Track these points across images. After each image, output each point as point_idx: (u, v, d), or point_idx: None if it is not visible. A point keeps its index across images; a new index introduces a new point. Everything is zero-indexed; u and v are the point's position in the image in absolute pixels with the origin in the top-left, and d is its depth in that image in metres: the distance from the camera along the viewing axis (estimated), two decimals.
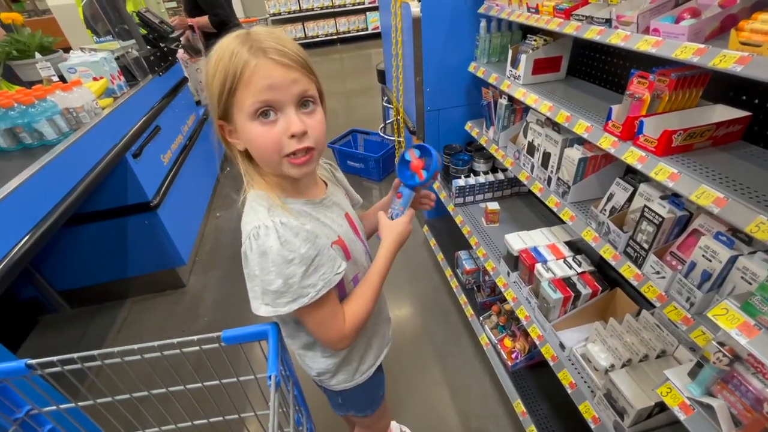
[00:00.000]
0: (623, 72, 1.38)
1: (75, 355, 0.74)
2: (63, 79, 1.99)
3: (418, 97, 1.99)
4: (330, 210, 0.82)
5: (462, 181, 1.96)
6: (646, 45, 0.90)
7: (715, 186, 0.80)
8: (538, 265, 1.35)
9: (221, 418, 0.91)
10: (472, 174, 2.03)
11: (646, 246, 0.98)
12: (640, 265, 1.01)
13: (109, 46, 2.53)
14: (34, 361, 0.73)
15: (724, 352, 0.68)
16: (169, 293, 2.43)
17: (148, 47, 2.67)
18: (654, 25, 0.89)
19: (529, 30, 1.70)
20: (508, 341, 1.64)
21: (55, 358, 0.73)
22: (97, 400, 0.82)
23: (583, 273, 1.32)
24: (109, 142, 1.83)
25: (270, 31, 0.65)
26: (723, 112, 0.97)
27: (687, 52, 0.80)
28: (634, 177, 1.16)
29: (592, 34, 1.06)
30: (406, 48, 2.01)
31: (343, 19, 8.11)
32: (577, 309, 1.29)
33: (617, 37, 0.98)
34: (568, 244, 1.45)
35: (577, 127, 1.16)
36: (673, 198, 0.97)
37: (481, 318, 1.81)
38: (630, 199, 1.12)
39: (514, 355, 1.58)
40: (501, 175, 1.98)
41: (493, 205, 1.83)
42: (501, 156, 1.67)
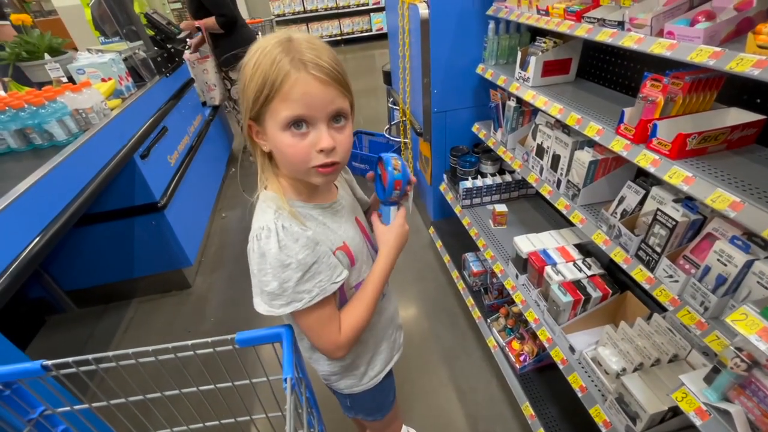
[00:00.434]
0: (633, 74, 1.37)
1: (90, 356, 0.74)
2: (72, 80, 2.01)
3: (425, 98, 1.99)
4: (338, 215, 0.82)
5: (469, 183, 1.96)
6: (660, 48, 0.89)
7: (731, 190, 0.79)
8: (548, 268, 1.35)
9: (233, 420, 0.91)
10: (479, 176, 2.03)
11: (658, 249, 0.98)
12: (652, 269, 1.00)
13: (115, 47, 2.54)
14: (49, 362, 0.73)
15: (742, 357, 0.67)
16: (176, 294, 2.43)
17: (156, 48, 2.68)
18: (668, 28, 0.89)
19: (537, 32, 1.69)
20: (516, 344, 1.63)
21: (70, 359, 0.73)
22: (111, 401, 0.82)
23: (593, 276, 1.31)
24: (117, 143, 1.84)
25: (310, 40, 0.65)
26: (737, 116, 0.96)
27: (703, 55, 0.80)
28: (645, 180, 1.15)
29: (605, 36, 1.05)
30: (414, 49, 2.01)
31: (347, 20, 8.14)
32: (587, 312, 1.28)
33: (630, 40, 0.97)
34: (578, 246, 1.44)
35: (588, 130, 1.15)
36: (687, 201, 0.97)
37: (488, 320, 1.80)
38: (642, 202, 1.11)
39: (522, 358, 1.57)
40: (508, 177, 1.98)
41: (501, 207, 1.83)
42: (509, 158, 1.66)
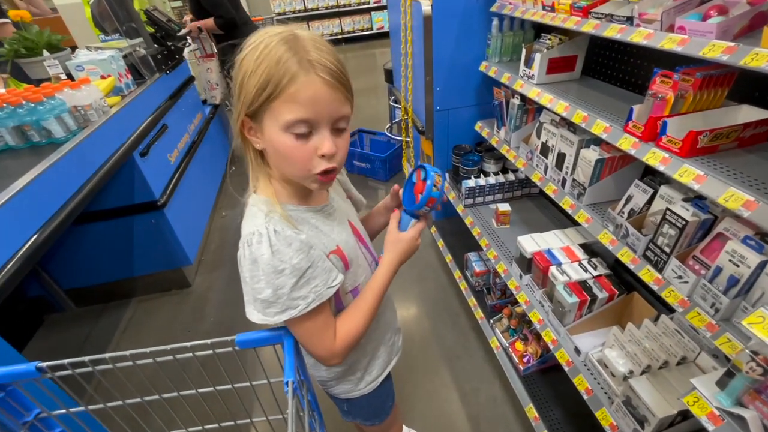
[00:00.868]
0: (640, 71, 1.35)
1: (86, 358, 0.72)
2: (71, 76, 1.99)
3: (427, 96, 1.97)
4: (331, 218, 0.79)
5: (472, 182, 1.94)
6: (671, 43, 0.87)
7: (744, 188, 0.77)
8: (553, 268, 1.33)
9: (232, 423, 0.89)
10: (482, 175, 2.01)
11: (667, 250, 0.96)
12: (660, 270, 0.98)
13: (114, 44, 2.52)
14: (44, 364, 0.71)
15: (758, 361, 0.65)
16: (175, 293, 2.42)
17: (156, 45, 2.66)
18: (679, 23, 0.86)
19: (542, 28, 1.67)
20: (519, 345, 1.61)
21: (65, 361, 0.72)
22: (108, 404, 0.80)
23: (598, 276, 1.29)
24: (117, 140, 1.82)
25: (315, 39, 0.62)
26: (749, 113, 0.94)
27: (716, 50, 0.78)
28: (653, 179, 1.13)
29: (613, 32, 1.03)
30: (416, 47, 1.98)
31: (348, 18, 8.11)
32: (593, 313, 1.26)
33: (639, 35, 0.95)
34: (583, 246, 1.42)
35: (594, 128, 1.13)
36: (697, 201, 0.95)
37: (491, 321, 1.78)
38: (650, 201, 1.09)
39: (525, 359, 1.55)
40: (512, 176, 1.95)
41: (504, 207, 1.81)
42: (513, 157, 1.64)
